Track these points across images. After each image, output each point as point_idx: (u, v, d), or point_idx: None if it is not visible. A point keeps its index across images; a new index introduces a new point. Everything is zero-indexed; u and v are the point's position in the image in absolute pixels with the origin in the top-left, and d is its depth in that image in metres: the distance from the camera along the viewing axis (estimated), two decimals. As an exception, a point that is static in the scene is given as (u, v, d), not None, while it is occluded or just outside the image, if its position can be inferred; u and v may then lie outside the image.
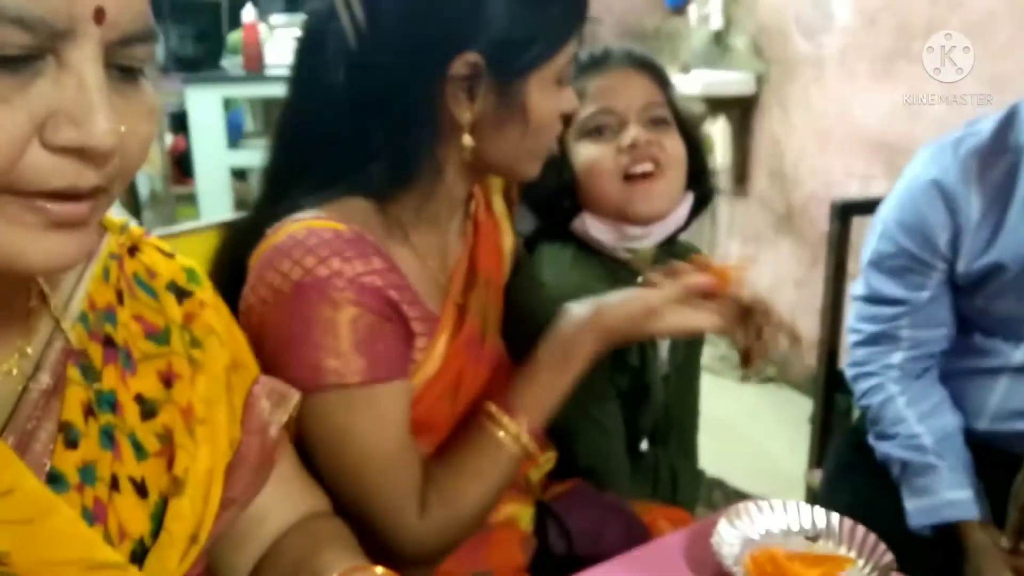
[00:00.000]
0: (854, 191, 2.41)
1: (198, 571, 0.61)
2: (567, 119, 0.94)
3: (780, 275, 2.84)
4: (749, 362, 0.92)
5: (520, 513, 0.95)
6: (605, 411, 1.04)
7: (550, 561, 0.94)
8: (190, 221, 2.13)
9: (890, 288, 1.16)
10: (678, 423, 1.16)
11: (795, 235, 2.75)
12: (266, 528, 0.69)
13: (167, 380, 0.60)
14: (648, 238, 1.04)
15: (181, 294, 0.64)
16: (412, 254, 0.84)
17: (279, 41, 3.00)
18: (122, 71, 0.46)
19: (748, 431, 2.55)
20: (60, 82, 0.43)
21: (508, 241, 1.00)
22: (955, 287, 1.13)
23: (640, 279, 0.95)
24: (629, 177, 1.00)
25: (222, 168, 2.86)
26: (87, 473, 0.53)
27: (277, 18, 3.25)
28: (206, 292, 0.66)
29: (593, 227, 1.03)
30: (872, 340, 1.19)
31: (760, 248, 2.94)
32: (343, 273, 0.74)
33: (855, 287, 1.23)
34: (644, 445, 1.15)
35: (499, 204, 1.00)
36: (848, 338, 1.25)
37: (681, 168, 1.04)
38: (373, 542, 0.75)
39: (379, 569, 0.59)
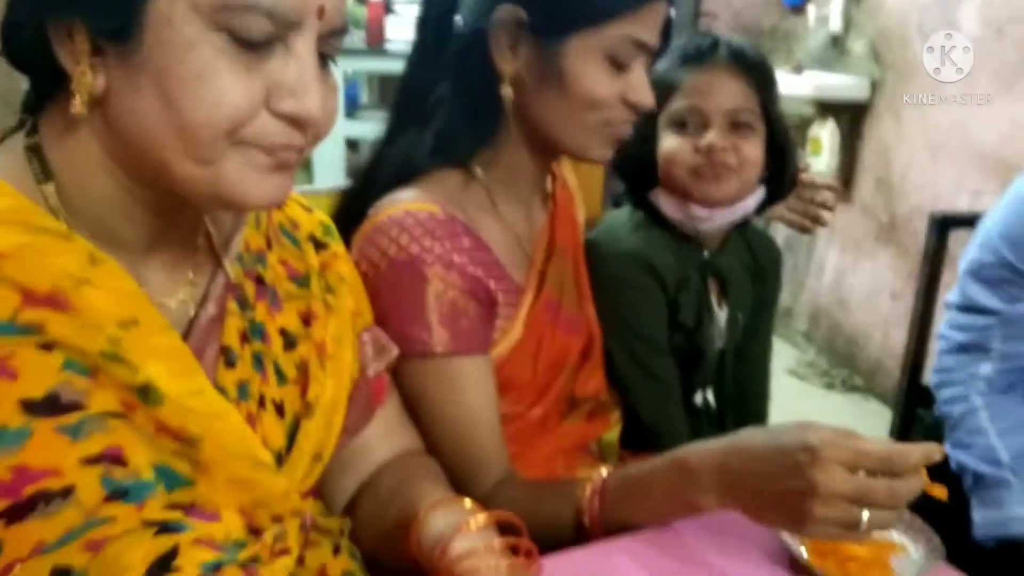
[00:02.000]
0: (963, 206, 2.36)
1: (313, 489, 0.70)
2: (651, 113, 0.95)
3: (877, 285, 2.80)
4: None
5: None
6: (662, 365, 1.10)
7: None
8: (304, 184, 2.27)
9: (985, 298, 1.16)
10: (733, 404, 1.22)
11: (896, 246, 2.71)
12: (369, 458, 0.78)
13: (306, 319, 0.69)
14: (711, 221, 1.09)
15: (319, 245, 0.73)
16: (500, 224, 0.92)
17: (401, 18, 3.12)
18: (322, 57, 0.56)
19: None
20: (287, 63, 0.53)
21: (581, 214, 1.09)
22: None
23: (705, 253, 1.11)
24: (698, 173, 1.06)
25: (337, 137, 2.99)
26: (242, 390, 0.63)
27: (400, -5, 3.37)
28: (338, 245, 0.76)
29: (663, 202, 1.10)
30: (961, 349, 1.19)
31: (859, 256, 2.90)
32: (432, 250, 0.83)
33: (949, 295, 1.24)
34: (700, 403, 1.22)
35: (572, 179, 1.08)
36: (937, 345, 1.26)
37: (754, 171, 1.08)
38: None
39: (467, 501, 0.67)
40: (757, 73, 1.07)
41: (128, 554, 0.53)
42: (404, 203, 0.86)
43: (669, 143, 1.06)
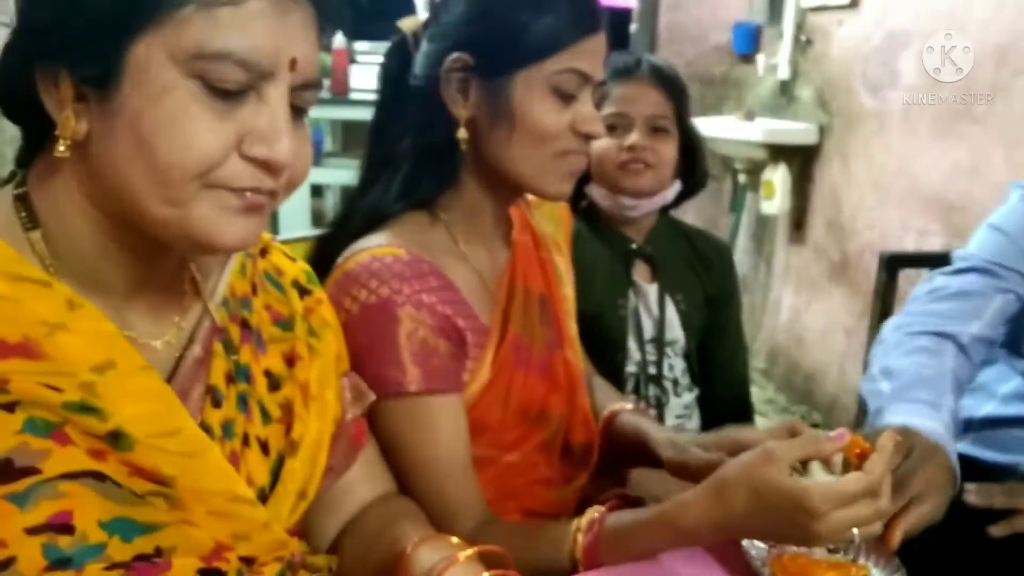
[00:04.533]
0: (910, 245, 2.46)
1: (298, 529, 0.72)
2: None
3: (832, 323, 2.88)
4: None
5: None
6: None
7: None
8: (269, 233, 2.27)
9: (1004, 260, 1.13)
10: (712, 404, 1.39)
11: (848, 284, 2.80)
12: (352, 499, 0.80)
13: (290, 360, 0.72)
14: (636, 209, 1.33)
15: (303, 291, 0.76)
16: (464, 264, 0.95)
17: (364, 67, 3.18)
18: (295, 110, 0.59)
19: (789, 473, 2.58)
20: (259, 111, 0.56)
21: (562, 262, 1.10)
22: None
23: (633, 246, 1.35)
24: (624, 167, 1.29)
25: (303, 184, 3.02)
26: (227, 429, 0.64)
27: (361, 45, 3.44)
28: (321, 292, 0.79)
29: (597, 193, 1.34)
30: (960, 296, 1.14)
31: (813, 295, 2.98)
32: (402, 291, 0.86)
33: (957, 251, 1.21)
34: None
35: (548, 229, 1.10)
36: (919, 289, 1.22)
37: (669, 167, 1.32)
38: None
39: (454, 539, 0.69)
40: (673, 87, 1.31)
41: None
42: (370, 250, 0.89)
43: (600, 143, 1.21)
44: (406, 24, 0.94)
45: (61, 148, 0.55)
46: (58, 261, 0.58)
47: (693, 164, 1.36)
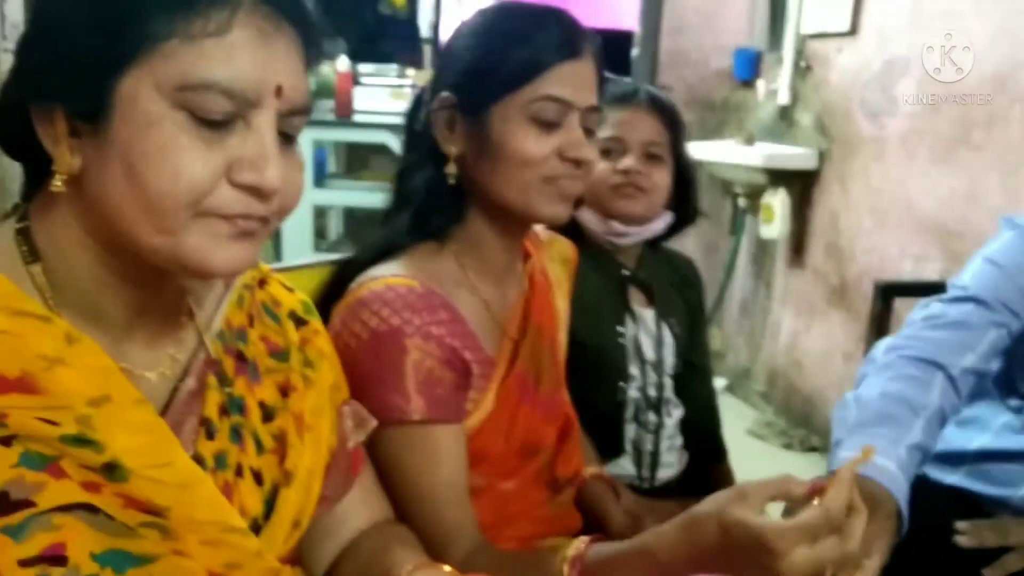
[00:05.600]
0: (907, 270, 2.47)
1: (293, 556, 0.73)
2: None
3: (830, 347, 2.89)
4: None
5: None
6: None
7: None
8: (273, 261, 2.28)
9: (999, 295, 1.14)
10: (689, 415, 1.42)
11: (847, 309, 2.81)
12: (348, 526, 0.81)
13: (284, 391, 0.73)
14: (627, 236, 1.32)
15: (299, 322, 0.77)
16: (473, 296, 0.96)
17: (369, 89, 3.21)
18: (284, 136, 0.61)
19: (788, 497, 2.58)
20: (246, 138, 0.58)
21: (563, 304, 1.13)
22: None
23: (626, 272, 1.34)
24: (617, 190, 1.28)
25: (306, 205, 3.04)
26: (220, 460, 0.66)
27: (365, 67, 3.47)
28: (318, 322, 0.80)
29: (587, 217, 1.31)
30: (955, 326, 1.14)
31: (812, 319, 2.99)
32: (412, 322, 0.87)
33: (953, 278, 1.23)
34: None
35: (555, 270, 1.13)
36: (915, 313, 1.23)
37: (662, 195, 1.32)
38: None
39: (446, 567, 0.70)
40: (669, 116, 1.32)
41: None
42: (384, 279, 0.90)
43: (596, 167, 1.21)
44: (420, 78, 0.99)
45: (57, 183, 0.57)
46: (58, 294, 0.60)
47: (685, 196, 1.37)
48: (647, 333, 1.35)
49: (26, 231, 0.60)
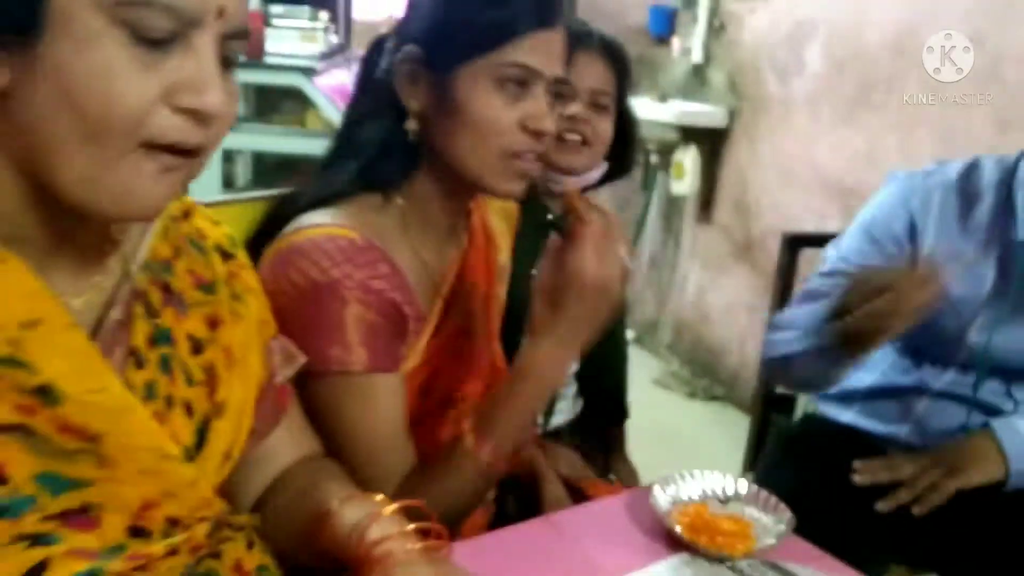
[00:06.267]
0: (810, 227, 2.58)
1: (219, 489, 0.72)
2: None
3: (735, 300, 3.00)
4: None
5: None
6: None
7: (507, 522, 1.07)
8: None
9: (850, 268, 1.23)
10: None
11: (751, 264, 2.92)
12: (276, 461, 0.81)
13: (212, 324, 0.71)
14: (562, 185, 1.28)
15: (225, 255, 0.76)
16: (413, 252, 0.95)
17: (281, 31, 3.10)
18: (224, 61, 0.58)
19: (692, 443, 2.70)
20: (186, 60, 0.55)
21: (504, 257, 1.13)
22: None
23: (550, 216, 1.31)
24: (561, 138, 1.23)
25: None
26: (150, 390, 0.64)
27: (276, 8, 3.35)
28: (244, 257, 0.79)
29: None
30: (808, 297, 1.27)
31: (718, 273, 3.10)
32: (353, 276, 0.87)
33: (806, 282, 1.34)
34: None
35: (497, 223, 1.13)
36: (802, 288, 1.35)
37: (603, 146, 1.29)
38: None
39: (378, 496, 0.71)
40: (620, 64, 1.28)
41: None
42: (324, 227, 0.89)
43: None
44: (385, 22, 0.96)
45: None
46: None
47: (624, 148, 1.34)
48: None
49: None
